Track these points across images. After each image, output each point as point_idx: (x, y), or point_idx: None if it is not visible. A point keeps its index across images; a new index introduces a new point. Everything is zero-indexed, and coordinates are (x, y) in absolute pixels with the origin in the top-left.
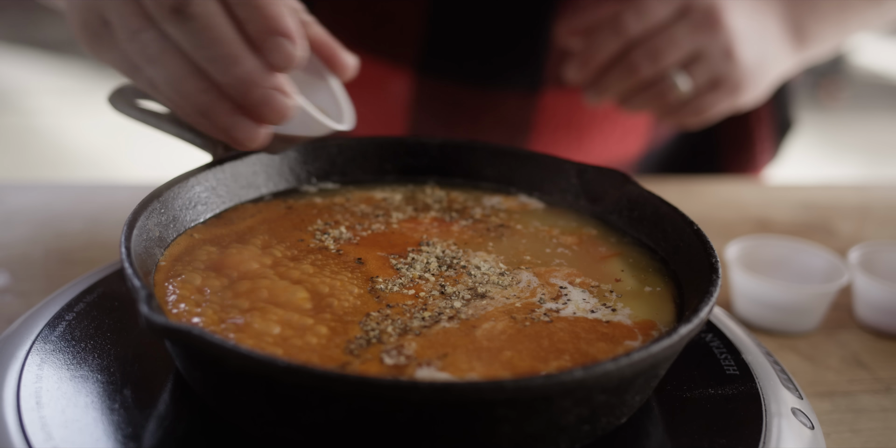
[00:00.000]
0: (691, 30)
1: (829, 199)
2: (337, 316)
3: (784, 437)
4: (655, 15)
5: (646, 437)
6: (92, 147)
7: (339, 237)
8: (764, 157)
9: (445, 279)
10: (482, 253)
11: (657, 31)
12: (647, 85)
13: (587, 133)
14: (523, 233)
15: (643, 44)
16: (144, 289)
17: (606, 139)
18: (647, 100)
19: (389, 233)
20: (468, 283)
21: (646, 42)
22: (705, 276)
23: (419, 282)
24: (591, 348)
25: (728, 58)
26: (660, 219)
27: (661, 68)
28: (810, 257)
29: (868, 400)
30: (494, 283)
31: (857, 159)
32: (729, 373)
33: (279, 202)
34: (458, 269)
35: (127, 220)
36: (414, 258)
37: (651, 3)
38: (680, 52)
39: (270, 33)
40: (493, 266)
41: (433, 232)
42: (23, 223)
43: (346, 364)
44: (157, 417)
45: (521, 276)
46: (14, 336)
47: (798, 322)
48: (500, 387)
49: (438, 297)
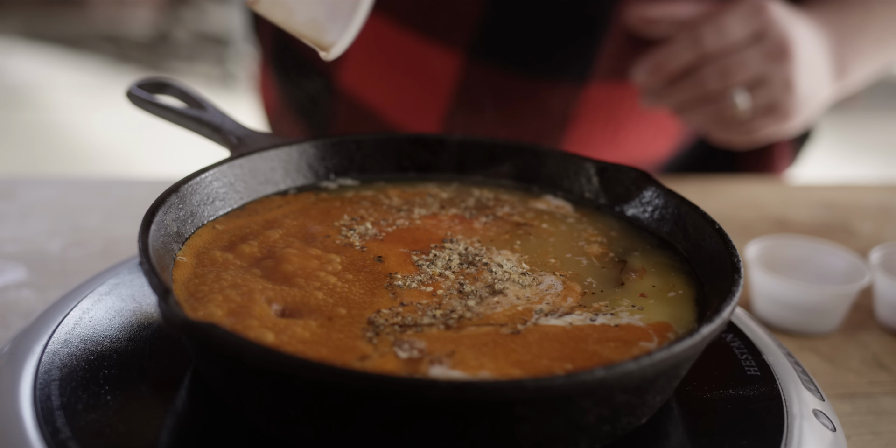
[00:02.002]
0: (763, 56)
1: (848, 199)
2: (350, 310)
3: (805, 438)
4: (733, 34)
5: (666, 437)
6: (108, 142)
7: (364, 233)
8: (783, 162)
9: (465, 277)
10: (506, 251)
11: (731, 50)
12: (708, 100)
13: (623, 129)
14: (548, 233)
15: (716, 60)
16: (163, 284)
17: (640, 136)
18: (705, 114)
19: (413, 229)
20: (487, 281)
21: (718, 59)
22: (727, 276)
23: (438, 279)
24: (604, 349)
25: (787, 88)
26: (680, 218)
27: (727, 86)
28: (830, 258)
29: (889, 402)
30: (515, 281)
31: (876, 160)
32: (750, 373)
33: (309, 194)
34: (480, 267)
35: (144, 216)
36: (436, 255)
37: (731, 22)
38: (748, 73)
39: None
40: (515, 265)
41: (457, 229)
42: (40, 218)
43: (364, 357)
44: (173, 413)
45: (543, 278)
46: (31, 331)
47: (818, 323)
48: (521, 386)
49: (456, 295)
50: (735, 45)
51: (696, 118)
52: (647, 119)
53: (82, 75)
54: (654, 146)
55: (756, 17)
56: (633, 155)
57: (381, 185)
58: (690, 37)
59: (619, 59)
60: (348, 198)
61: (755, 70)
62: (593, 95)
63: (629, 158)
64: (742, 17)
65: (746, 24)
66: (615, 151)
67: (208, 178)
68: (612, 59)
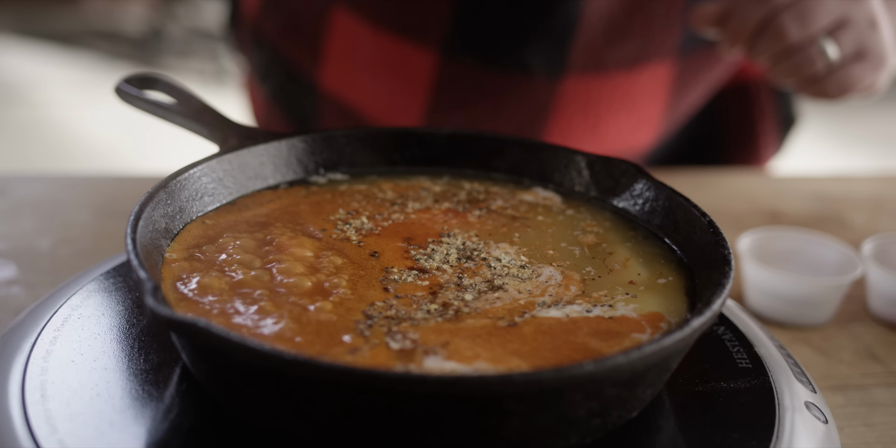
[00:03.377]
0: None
1: (841, 190)
2: (342, 303)
3: (797, 431)
4: None
5: (657, 431)
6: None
7: (360, 227)
8: (768, 150)
9: (464, 271)
10: (504, 244)
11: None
12: (794, 51)
13: (603, 121)
14: (546, 225)
15: (791, 7)
16: (150, 281)
17: (620, 128)
18: (795, 67)
19: (409, 223)
20: (486, 276)
21: (794, 5)
22: (718, 268)
23: (436, 273)
24: (594, 341)
25: (873, 27)
26: (671, 210)
27: (810, 33)
28: (823, 249)
29: (881, 393)
30: (514, 275)
31: (869, 151)
32: (741, 366)
33: (300, 188)
34: (478, 261)
35: (133, 212)
36: (434, 249)
37: None
38: (829, 16)
39: None
40: (514, 258)
41: (452, 223)
42: (30, 214)
43: (355, 349)
44: (163, 410)
45: (542, 270)
46: (20, 328)
47: (811, 315)
48: (510, 380)
49: (453, 288)
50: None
51: (787, 73)
52: (627, 110)
53: (76, 72)
54: (636, 137)
55: None
56: (616, 146)
57: (372, 179)
58: None
59: (594, 51)
60: (340, 191)
61: (836, 10)
62: (570, 89)
63: (612, 150)
64: None
65: None
66: (597, 143)
67: (197, 173)
68: (587, 52)
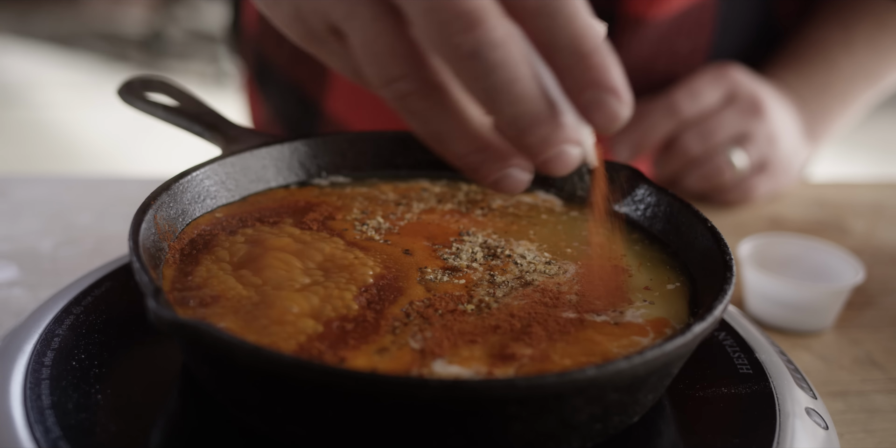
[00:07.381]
0: (739, 114)
1: (841, 196)
2: (379, 302)
3: (798, 437)
4: (707, 98)
5: (658, 436)
6: (101, 140)
7: (378, 227)
8: None
9: (493, 269)
10: (525, 242)
11: (708, 113)
12: (696, 165)
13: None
14: (547, 224)
15: (695, 125)
16: (152, 283)
17: None
18: (699, 179)
19: (425, 223)
20: (515, 273)
21: (697, 124)
22: (719, 274)
23: (467, 271)
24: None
25: (772, 141)
26: (672, 216)
27: (711, 146)
28: (823, 255)
29: (882, 400)
30: (542, 272)
31: (869, 157)
32: (742, 372)
33: (312, 188)
34: (504, 258)
35: (135, 214)
36: (458, 248)
37: (702, 88)
38: (728, 132)
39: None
40: (538, 255)
41: (464, 221)
42: (31, 216)
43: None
44: (164, 412)
45: (567, 267)
46: (22, 329)
47: (811, 321)
48: (512, 385)
49: (487, 285)
50: (710, 108)
51: (693, 183)
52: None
53: (76, 73)
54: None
55: (723, 79)
56: None
57: (373, 182)
58: (666, 106)
59: None
60: (346, 193)
61: (735, 128)
62: None
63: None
64: (710, 81)
65: (716, 87)
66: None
67: (199, 176)
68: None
